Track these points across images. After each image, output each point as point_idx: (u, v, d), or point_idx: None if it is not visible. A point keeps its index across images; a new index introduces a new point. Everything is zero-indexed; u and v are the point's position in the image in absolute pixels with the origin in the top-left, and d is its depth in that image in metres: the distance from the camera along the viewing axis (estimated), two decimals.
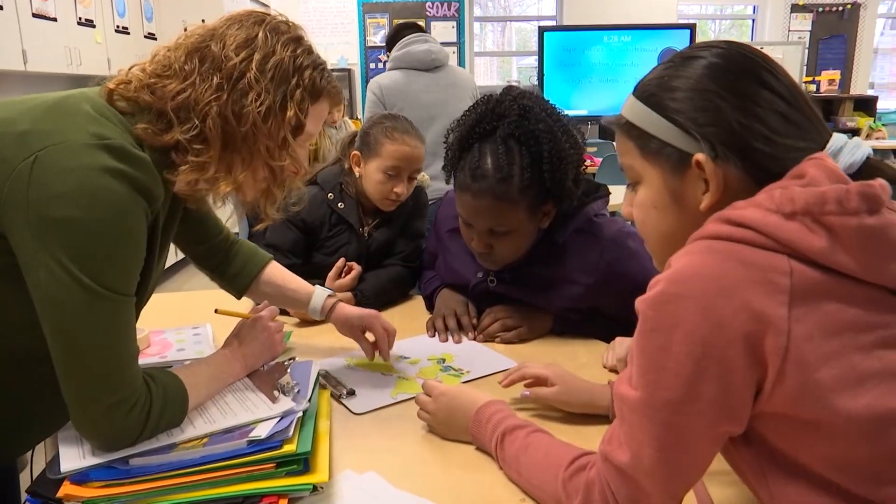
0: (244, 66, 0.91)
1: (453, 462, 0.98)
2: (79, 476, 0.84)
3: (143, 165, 0.85)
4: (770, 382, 0.65)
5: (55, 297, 0.80)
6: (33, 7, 3.67)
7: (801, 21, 7.32)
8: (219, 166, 0.93)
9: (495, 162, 1.29)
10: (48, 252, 0.79)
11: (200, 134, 0.90)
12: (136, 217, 0.84)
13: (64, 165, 0.79)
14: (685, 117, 0.73)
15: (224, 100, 0.90)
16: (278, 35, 0.95)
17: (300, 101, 0.96)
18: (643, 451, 0.69)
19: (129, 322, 0.87)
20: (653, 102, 0.76)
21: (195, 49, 0.93)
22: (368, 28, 6.95)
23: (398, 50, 2.82)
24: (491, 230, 1.35)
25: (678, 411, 0.67)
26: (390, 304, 1.70)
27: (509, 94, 1.36)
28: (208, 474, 0.85)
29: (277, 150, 0.95)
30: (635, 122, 0.78)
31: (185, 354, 1.31)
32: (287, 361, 1.12)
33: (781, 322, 0.63)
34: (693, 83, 0.73)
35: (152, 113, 0.91)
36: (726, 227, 0.68)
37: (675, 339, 0.66)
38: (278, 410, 0.96)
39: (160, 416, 0.88)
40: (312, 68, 0.98)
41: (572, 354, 1.36)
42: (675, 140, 0.74)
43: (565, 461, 0.82)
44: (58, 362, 0.83)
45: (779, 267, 0.65)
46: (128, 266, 0.85)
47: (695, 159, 0.72)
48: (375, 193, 1.70)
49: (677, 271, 0.68)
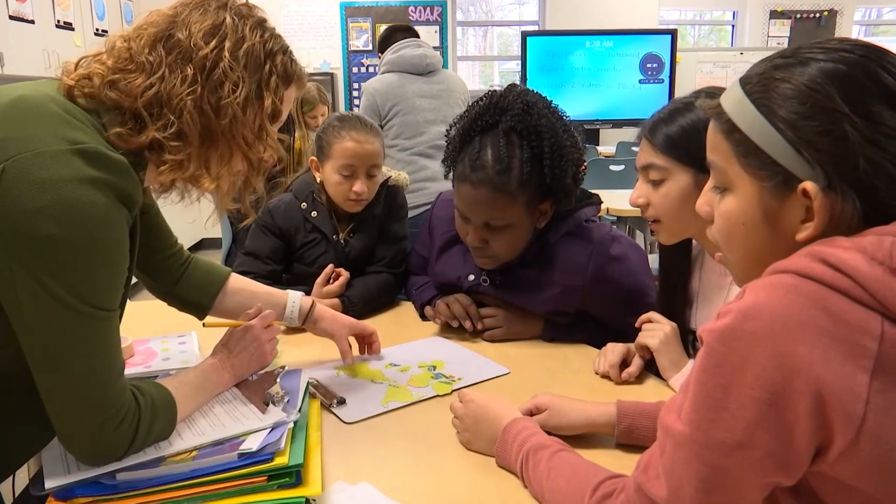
0: (216, 55, 0.87)
1: (446, 472, 0.97)
2: (64, 492, 0.81)
3: (122, 170, 0.80)
4: (837, 449, 0.60)
5: (37, 317, 0.75)
6: (10, 9, 3.61)
7: (780, 27, 7.43)
8: (197, 163, 0.89)
9: (496, 154, 1.29)
10: (27, 270, 0.73)
11: (177, 131, 0.85)
12: (119, 228, 0.80)
13: (37, 177, 0.73)
14: (803, 137, 0.63)
15: (199, 92, 0.86)
16: (244, 19, 0.91)
17: (275, 88, 0.93)
18: (684, 490, 0.65)
19: (115, 337, 0.83)
20: (765, 107, 0.65)
21: (158, 38, 0.87)
22: (351, 32, 6.92)
23: (392, 53, 2.80)
24: (487, 224, 1.34)
25: (730, 455, 0.62)
26: (377, 310, 1.69)
27: (513, 89, 1.37)
28: (198, 488, 0.84)
29: (256, 141, 0.92)
30: (742, 127, 0.67)
31: (170, 364, 1.29)
32: (277, 370, 1.10)
33: (861, 389, 0.58)
34: (819, 97, 0.62)
35: (121, 112, 0.85)
36: (820, 268, 0.61)
37: (741, 381, 0.61)
38: (269, 421, 0.94)
39: (149, 429, 0.86)
40: (282, 53, 0.95)
41: (564, 360, 1.36)
42: (785, 160, 0.64)
43: (589, 487, 0.78)
44: (41, 382, 0.79)
45: (870, 329, 0.58)
46: (112, 280, 0.81)
47: (802, 187, 0.63)
48: (337, 196, 1.68)
49: (755, 306, 0.61)
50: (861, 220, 0.63)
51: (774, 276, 0.63)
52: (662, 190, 1.14)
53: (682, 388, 0.68)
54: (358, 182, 1.65)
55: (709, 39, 8.69)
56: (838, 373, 0.58)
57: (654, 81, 6.31)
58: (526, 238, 1.39)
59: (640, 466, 0.72)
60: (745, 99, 0.67)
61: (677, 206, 1.12)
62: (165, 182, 0.88)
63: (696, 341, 1.26)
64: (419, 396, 1.19)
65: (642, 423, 1.00)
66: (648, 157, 1.15)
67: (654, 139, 1.14)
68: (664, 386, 1.22)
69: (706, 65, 6.56)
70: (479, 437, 1.01)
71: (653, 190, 1.16)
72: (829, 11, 7.36)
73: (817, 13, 7.40)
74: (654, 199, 1.15)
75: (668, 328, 1.20)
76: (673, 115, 1.12)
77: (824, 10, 7.36)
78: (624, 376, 1.23)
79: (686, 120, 1.10)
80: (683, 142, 1.10)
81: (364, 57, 6.88)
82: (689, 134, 1.09)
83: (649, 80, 6.32)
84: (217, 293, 1.23)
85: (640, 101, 6.32)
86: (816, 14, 7.40)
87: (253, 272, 1.67)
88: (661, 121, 1.13)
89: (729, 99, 0.69)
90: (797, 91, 0.63)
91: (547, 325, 1.47)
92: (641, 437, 0.99)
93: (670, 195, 1.13)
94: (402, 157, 2.69)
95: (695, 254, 1.28)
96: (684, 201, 1.09)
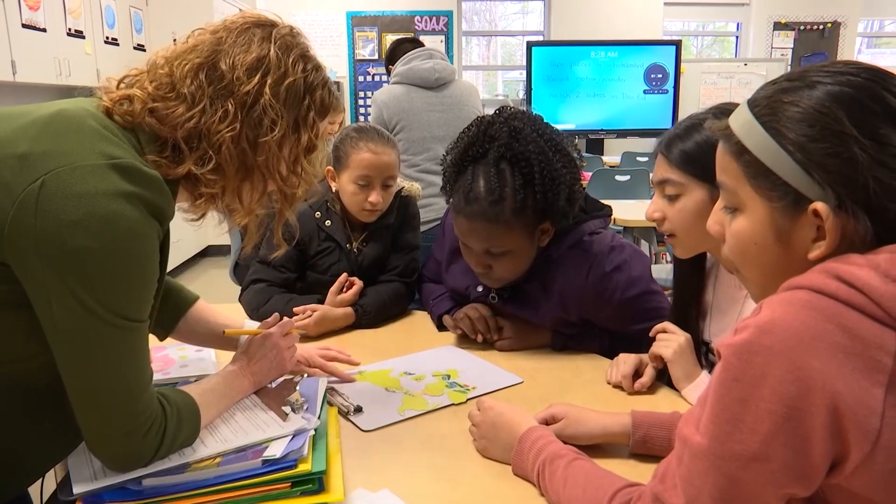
0: (257, 91, 0.88)
1: (464, 479, 0.98)
2: (92, 498, 0.83)
3: (156, 185, 0.82)
4: (853, 462, 0.61)
5: (70, 328, 0.77)
6: (23, 18, 3.64)
7: (784, 38, 7.48)
8: (232, 195, 0.91)
9: (487, 185, 1.29)
10: (61, 282, 0.75)
11: (215, 165, 0.87)
12: (150, 241, 0.81)
13: (74, 190, 0.75)
14: (812, 159, 0.64)
15: (238, 129, 0.87)
16: (288, 51, 0.92)
17: (312, 123, 0.94)
18: (702, 500, 0.67)
19: (145, 347, 0.85)
20: (774, 129, 0.67)
21: (201, 67, 0.87)
22: (357, 41, 6.98)
23: (403, 65, 2.75)
24: (487, 251, 1.36)
25: (747, 467, 0.64)
26: (390, 319, 1.71)
27: (501, 115, 1.37)
28: (223, 494, 0.85)
29: (290, 175, 0.94)
30: (752, 149, 0.68)
31: (188, 371, 1.30)
32: (296, 378, 1.12)
33: (876, 403, 0.59)
34: (827, 120, 0.64)
35: (158, 140, 0.86)
36: (834, 284, 0.62)
37: (759, 395, 0.62)
38: (290, 429, 0.95)
39: (174, 437, 0.87)
40: (322, 87, 0.96)
41: (576, 371, 1.37)
42: (795, 181, 0.65)
43: (606, 495, 0.79)
44: (72, 390, 0.81)
45: (885, 344, 0.59)
46: (143, 292, 0.83)
47: (813, 208, 0.64)
48: (352, 205, 1.70)
49: (771, 321, 0.62)
50: (873, 239, 0.64)
51: (790, 293, 0.64)
52: (678, 205, 1.16)
53: (699, 401, 0.70)
54: (374, 193, 1.66)
55: (711, 50, 8.73)
56: (854, 387, 0.59)
57: (659, 92, 6.35)
58: (529, 259, 1.41)
59: (656, 476, 0.73)
60: (754, 121, 0.68)
61: (692, 220, 1.14)
62: (198, 213, 0.90)
63: (709, 353, 1.27)
64: (435, 405, 1.21)
65: (657, 433, 1.01)
66: (664, 173, 1.17)
67: (669, 155, 1.15)
68: (676, 396, 1.23)
69: (710, 75, 6.60)
70: (496, 444, 1.02)
71: (668, 205, 1.17)
72: (832, 23, 7.41)
73: (821, 25, 7.45)
74: (670, 214, 1.17)
75: (682, 339, 1.22)
76: (689, 131, 1.14)
77: (828, 21, 7.42)
78: (637, 387, 1.24)
79: (702, 136, 1.12)
80: (699, 158, 1.11)
81: (370, 66, 6.94)
82: (704, 150, 1.10)
83: (654, 90, 6.35)
84: (180, 317, 1.21)
85: (644, 111, 6.36)
86: (820, 26, 7.45)
87: (267, 280, 1.69)
88: (677, 137, 1.15)
89: (738, 121, 0.71)
90: (805, 114, 0.65)
91: (555, 336, 1.49)
92: (656, 446, 1.01)
93: (686, 210, 1.15)
94: (410, 174, 2.64)
95: (709, 266, 1.30)
96: (700, 216, 1.10)
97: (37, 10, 3.77)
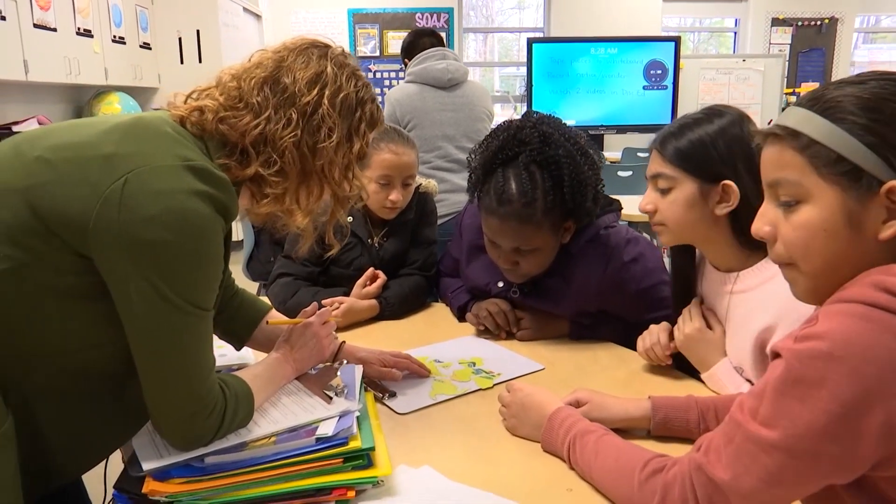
0: (316, 101, 0.97)
1: (497, 456, 1.06)
2: (161, 474, 0.89)
3: (224, 185, 0.90)
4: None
5: (146, 315, 0.84)
6: (34, 18, 3.69)
7: (782, 34, 7.55)
8: (292, 198, 0.99)
9: (519, 187, 1.37)
10: (139, 272, 0.82)
11: (279, 168, 0.96)
12: (218, 236, 0.89)
13: (153, 188, 0.83)
14: (885, 140, 0.69)
15: (300, 135, 0.96)
16: (342, 69, 1.02)
17: (363, 133, 1.03)
18: (746, 478, 0.73)
19: (210, 336, 0.92)
20: (838, 119, 0.71)
21: (266, 81, 0.97)
22: (359, 38, 7.02)
23: (416, 64, 2.79)
24: (517, 249, 1.44)
25: (798, 457, 0.70)
26: (411, 311, 1.78)
27: (529, 120, 1.45)
28: (281, 469, 0.92)
29: (343, 179, 1.03)
30: (817, 139, 0.72)
31: (227, 360, 1.37)
32: (336, 365, 1.19)
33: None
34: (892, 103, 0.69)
35: (227, 145, 0.95)
36: (885, 297, 0.67)
37: (817, 395, 0.68)
38: (335, 411, 1.02)
39: (232, 419, 0.94)
40: (371, 101, 1.06)
41: (594, 358, 1.45)
42: (865, 163, 0.69)
43: (638, 464, 0.86)
44: (145, 375, 0.88)
45: None
46: (211, 283, 0.90)
47: (887, 187, 0.68)
48: (373, 203, 1.77)
49: (831, 331, 0.68)
50: None
51: (845, 305, 0.69)
52: (669, 197, 1.23)
53: (755, 392, 0.75)
54: (394, 191, 1.73)
55: (708, 45, 8.80)
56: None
57: (658, 88, 6.40)
58: (553, 254, 1.49)
59: (700, 448, 0.80)
60: (815, 115, 0.73)
61: (682, 211, 1.22)
62: (262, 213, 0.98)
63: None
64: (463, 390, 1.28)
65: (675, 415, 1.09)
66: (658, 168, 1.24)
67: (663, 151, 1.23)
68: (691, 383, 1.31)
69: (709, 71, 6.65)
70: (526, 423, 1.10)
71: (661, 197, 1.25)
72: (829, 19, 7.49)
73: (818, 21, 7.52)
74: (662, 206, 1.25)
75: (688, 329, 1.29)
76: (682, 129, 1.22)
77: (825, 17, 7.49)
78: (667, 351, 1.32)
79: (694, 134, 1.20)
80: (691, 154, 1.19)
81: (372, 63, 6.98)
82: (696, 147, 1.19)
83: (653, 86, 6.41)
84: (255, 327, 1.28)
85: (644, 107, 6.41)
86: (817, 21, 7.52)
87: (292, 274, 1.76)
88: (671, 134, 1.23)
89: (795, 118, 0.75)
90: (866, 102, 0.70)
91: (573, 326, 1.57)
92: (675, 427, 1.08)
93: (677, 202, 1.22)
94: (422, 171, 2.67)
95: (697, 261, 1.37)
96: (689, 208, 1.20)
97: (48, 10, 3.82)
